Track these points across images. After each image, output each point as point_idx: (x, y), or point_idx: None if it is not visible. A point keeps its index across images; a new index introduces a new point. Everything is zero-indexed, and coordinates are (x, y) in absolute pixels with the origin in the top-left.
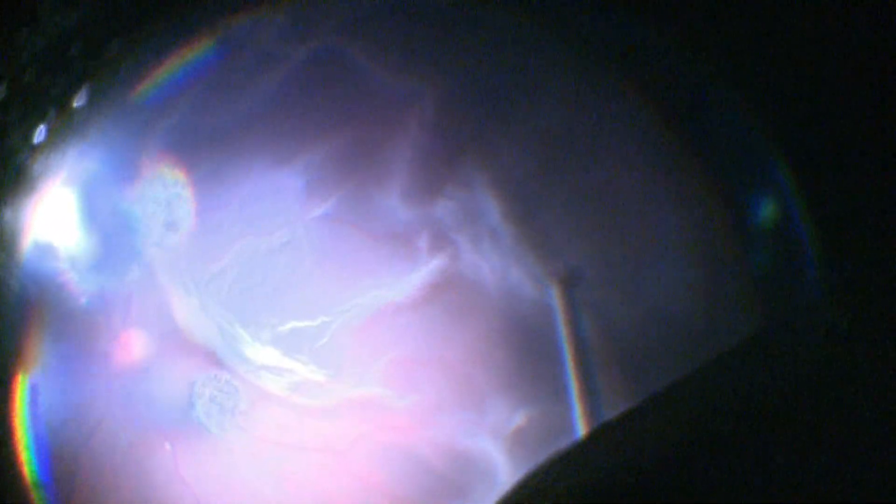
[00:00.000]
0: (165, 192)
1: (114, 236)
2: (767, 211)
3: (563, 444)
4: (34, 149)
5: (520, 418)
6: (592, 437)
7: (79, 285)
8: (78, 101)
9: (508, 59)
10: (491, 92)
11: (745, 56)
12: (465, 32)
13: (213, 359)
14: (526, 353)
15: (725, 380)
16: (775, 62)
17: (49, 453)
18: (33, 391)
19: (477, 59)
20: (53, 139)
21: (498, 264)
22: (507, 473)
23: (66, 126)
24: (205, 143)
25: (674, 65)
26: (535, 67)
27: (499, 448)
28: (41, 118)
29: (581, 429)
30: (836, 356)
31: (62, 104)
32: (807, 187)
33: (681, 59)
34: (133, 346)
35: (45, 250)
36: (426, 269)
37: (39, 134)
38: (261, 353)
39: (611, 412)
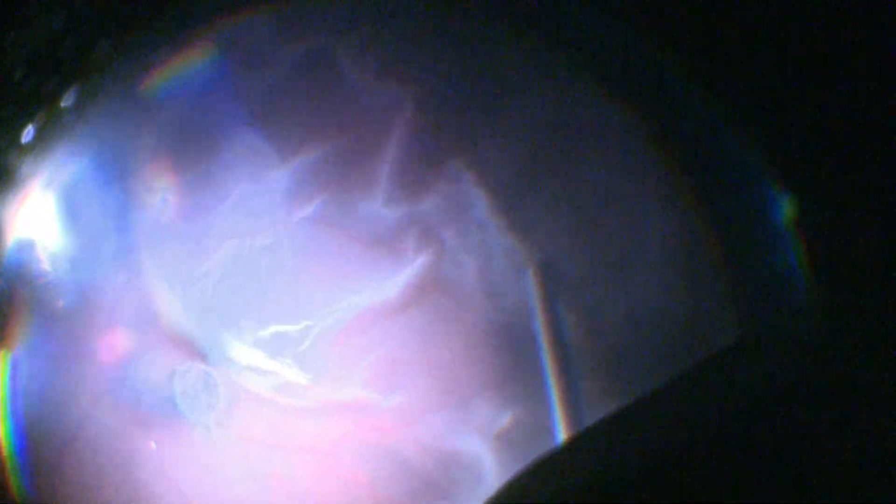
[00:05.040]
0: (152, 192)
1: (101, 236)
2: (753, 214)
3: (551, 444)
4: (22, 148)
5: (507, 418)
6: (579, 439)
7: (65, 284)
8: (66, 102)
9: (496, 58)
10: (478, 90)
11: (732, 59)
12: (451, 31)
13: (195, 351)
14: (513, 352)
15: (712, 383)
16: (763, 65)
17: (32, 450)
18: (14, 388)
19: (464, 58)
20: (41, 139)
21: (484, 262)
22: (494, 474)
23: (54, 126)
24: (193, 145)
25: (659, 67)
26: (521, 66)
27: (486, 448)
28: (29, 118)
29: (561, 430)
30: (824, 360)
31: (51, 104)
32: (793, 191)
33: (666, 61)
34: (117, 343)
35: (33, 249)
36: (411, 269)
37: (27, 134)
38: (244, 354)
39: (595, 414)
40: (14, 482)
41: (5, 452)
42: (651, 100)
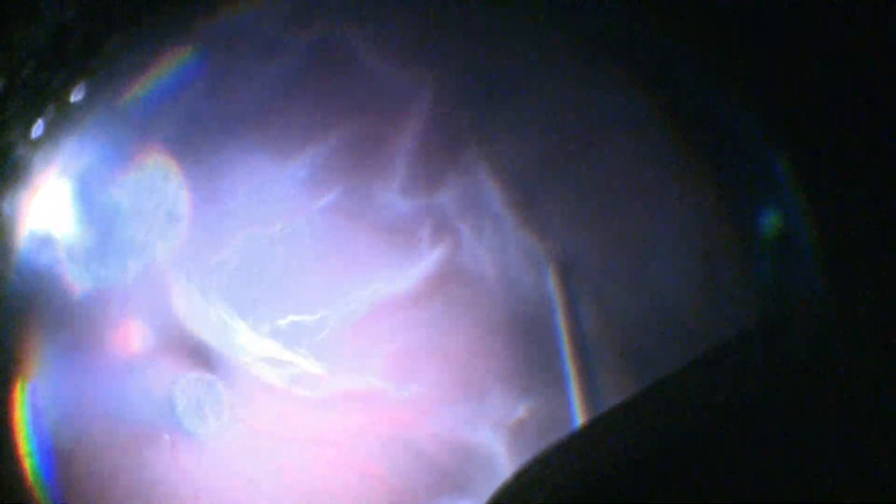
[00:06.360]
0: (166, 183)
1: (114, 229)
2: (767, 206)
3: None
4: (32, 143)
5: (521, 410)
6: (590, 427)
7: (78, 278)
8: (76, 96)
9: (511, 48)
10: (494, 81)
11: (750, 51)
12: (466, 20)
13: (205, 357)
14: (528, 344)
15: (723, 371)
16: (780, 58)
17: (50, 448)
18: (33, 384)
19: (479, 48)
20: (52, 134)
21: (499, 254)
22: (508, 465)
23: (64, 121)
24: (206, 135)
25: (677, 58)
26: (537, 57)
27: (500, 440)
28: (39, 113)
29: (579, 419)
30: (834, 350)
31: (60, 99)
32: (807, 182)
33: (684, 52)
34: (132, 338)
35: (45, 244)
36: (428, 260)
37: (37, 128)
38: (260, 344)
39: (610, 403)
40: (37, 485)
41: (29, 465)
42: (670, 92)
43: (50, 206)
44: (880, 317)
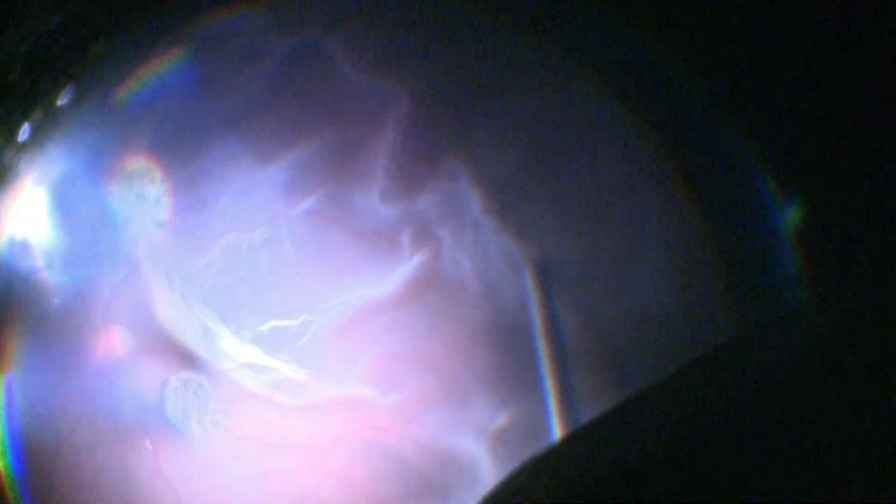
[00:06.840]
0: (150, 189)
1: (98, 234)
2: (750, 213)
3: (547, 443)
4: (19, 147)
5: (504, 417)
6: (574, 437)
7: (62, 283)
8: (62, 100)
9: (493, 54)
10: (474, 87)
11: (735, 58)
12: (447, 27)
13: (190, 359)
14: (510, 350)
15: (708, 380)
16: (767, 66)
17: (26, 452)
18: (9, 389)
19: (460, 55)
20: (38, 138)
21: (480, 260)
22: (490, 472)
23: (50, 125)
24: (189, 140)
25: (661, 65)
26: (518, 64)
27: (482, 447)
28: (25, 117)
29: (556, 428)
30: (821, 358)
31: (46, 103)
32: (791, 189)
33: (668, 58)
34: (114, 343)
35: (30, 248)
36: (409, 266)
37: (24, 132)
38: (242, 350)
39: (591, 413)
40: (11, 493)
41: (2, 465)
42: (651, 98)
43: (35, 208)
44: (869, 324)
